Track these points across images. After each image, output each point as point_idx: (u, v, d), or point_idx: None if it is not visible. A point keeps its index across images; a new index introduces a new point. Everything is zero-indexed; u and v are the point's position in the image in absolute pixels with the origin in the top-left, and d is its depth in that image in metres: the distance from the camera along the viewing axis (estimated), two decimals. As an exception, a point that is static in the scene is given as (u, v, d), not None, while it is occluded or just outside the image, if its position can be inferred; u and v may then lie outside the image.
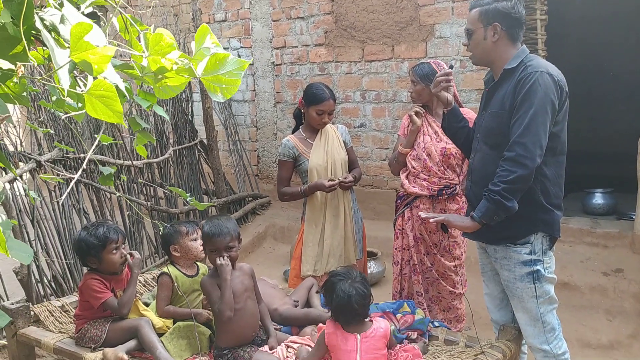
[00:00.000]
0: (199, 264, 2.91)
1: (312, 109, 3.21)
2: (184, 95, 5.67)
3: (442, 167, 3.10)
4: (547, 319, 2.43)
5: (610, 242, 4.66)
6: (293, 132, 3.43)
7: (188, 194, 1.83)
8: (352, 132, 5.81)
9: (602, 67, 7.21)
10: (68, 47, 1.14)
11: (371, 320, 2.35)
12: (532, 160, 2.18)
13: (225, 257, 2.51)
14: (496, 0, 2.30)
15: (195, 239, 2.80)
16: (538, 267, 2.37)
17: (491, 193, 2.23)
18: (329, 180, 3.14)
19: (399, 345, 2.49)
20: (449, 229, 3.07)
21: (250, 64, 6.51)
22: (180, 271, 2.75)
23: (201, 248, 2.82)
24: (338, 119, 5.84)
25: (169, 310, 2.70)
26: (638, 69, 6.96)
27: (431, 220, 2.48)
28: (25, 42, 1.12)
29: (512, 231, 2.34)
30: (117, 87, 1.17)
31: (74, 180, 1.46)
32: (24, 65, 1.31)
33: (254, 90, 6.60)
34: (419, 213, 2.58)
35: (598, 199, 5.48)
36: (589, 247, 4.67)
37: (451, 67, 2.63)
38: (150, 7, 6.80)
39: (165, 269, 2.76)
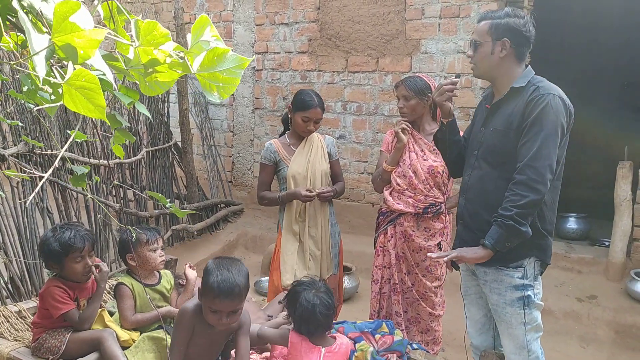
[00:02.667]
0: (161, 271, 2.74)
1: (299, 115, 3.12)
2: (160, 96, 5.49)
3: (427, 185, 3.01)
4: (532, 347, 2.36)
5: (585, 267, 4.66)
6: (280, 137, 3.32)
7: (168, 200, 1.69)
8: (331, 143, 5.72)
9: (579, 92, 7.30)
10: (47, 32, 1.01)
11: (334, 337, 2.31)
12: (544, 184, 2.10)
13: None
14: (508, 15, 2.23)
15: (155, 250, 2.62)
16: (529, 293, 2.30)
17: (503, 218, 2.13)
18: (306, 190, 3.04)
19: None
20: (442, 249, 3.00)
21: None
22: (138, 281, 2.57)
23: (160, 259, 2.63)
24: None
25: (137, 318, 2.53)
26: (615, 95, 7.08)
27: (445, 259, 2.32)
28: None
29: (507, 253, 2.25)
30: (99, 76, 1.04)
31: (44, 179, 1.30)
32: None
33: (233, 94, 6.45)
34: (429, 254, 2.43)
35: (572, 223, 5.50)
36: (564, 272, 4.66)
37: (458, 76, 2.51)
38: (129, 1, 6.61)
39: (121, 279, 2.59)
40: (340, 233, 3.41)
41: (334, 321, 2.86)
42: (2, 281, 3.45)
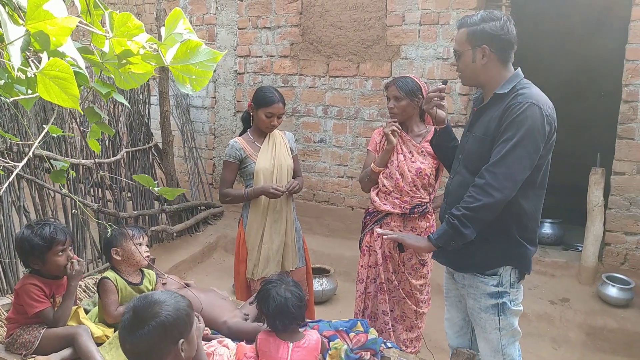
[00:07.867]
0: (145, 270, 2.76)
1: (262, 111, 3.18)
2: (141, 97, 5.49)
3: (414, 187, 3.02)
4: (507, 351, 2.36)
5: (558, 271, 4.75)
6: (240, 135, 3.38)
7: (155, 182, 1.70)
8: (312, 147, 5.76)
9: (556, 100, 7.45)
10: (23, 24, 1.03)
11: (304, 333, 2.36)
12: (499, 191, 2.07)
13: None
14: (484, 20, 2.15)
15: (140, 244, 2.65)
16: (504, 300, 2.27)
17: (451, 217, 2.15)
18: (273, 187, 3.10)
19: None
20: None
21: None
22: (122, 277, 2.60)
23: (146, 254, 2.68)
24: (298, 132, 5.78)
25: (120, 312, 2.54)
26: (587, 106, 7.23)
27: (385, 237, 2.44)
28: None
29: (482, 260, 2.25)
30: (75, 70, 1.07)
31: (16, 171, 1.32)
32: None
33: (214, 97, 6.47)
34: (375, 229, 2.54)
35: (546, 228, 5.61)
36: (537, 276, 4.74)
37: (445, 82, 2.48)
38: (111, 2, 6.60)
39: (105, 274, 2.60)
40: (301, 228, 3.47)
41: (309, 320, 2.90)
42: (-24, 279, 3.43)
